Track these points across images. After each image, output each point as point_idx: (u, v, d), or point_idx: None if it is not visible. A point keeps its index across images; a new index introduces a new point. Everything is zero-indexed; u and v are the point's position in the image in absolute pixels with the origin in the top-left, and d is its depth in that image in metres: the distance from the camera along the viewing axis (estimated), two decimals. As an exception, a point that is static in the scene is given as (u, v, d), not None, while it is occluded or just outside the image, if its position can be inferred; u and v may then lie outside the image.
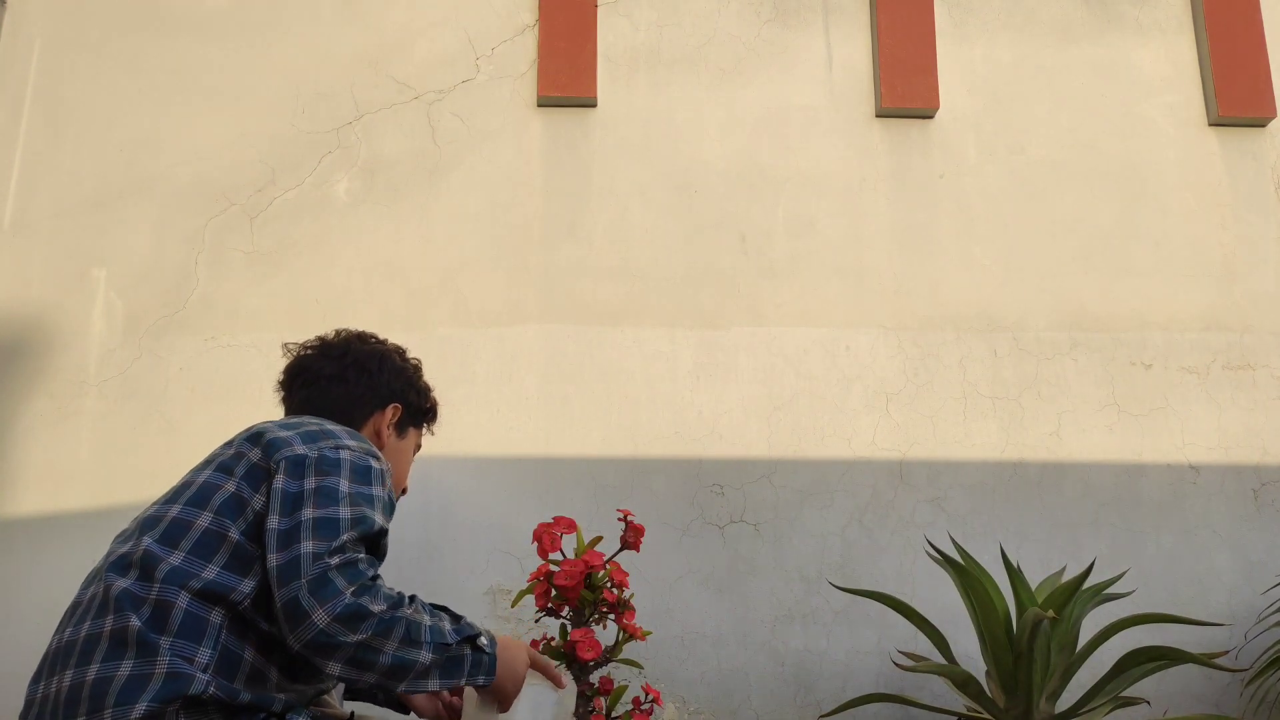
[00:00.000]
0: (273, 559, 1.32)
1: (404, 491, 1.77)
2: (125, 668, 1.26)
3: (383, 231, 2.72)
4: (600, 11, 2.90)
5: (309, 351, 1.77)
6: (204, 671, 1.28)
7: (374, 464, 1.49)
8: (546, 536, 1.92)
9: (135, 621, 1.29)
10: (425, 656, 1.34)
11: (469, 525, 2.52)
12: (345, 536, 1.34)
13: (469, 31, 2.88)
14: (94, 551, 2.53)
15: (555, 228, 2.75)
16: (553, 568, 1.93)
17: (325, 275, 2.68)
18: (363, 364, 1.75)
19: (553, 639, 1.96)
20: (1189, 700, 2.51)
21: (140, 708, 1.23)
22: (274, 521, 1.36)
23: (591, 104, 2.83)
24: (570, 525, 1.94)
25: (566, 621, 1.95)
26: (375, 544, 1.41)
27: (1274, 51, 2.97)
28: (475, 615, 2.47)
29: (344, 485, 1.42)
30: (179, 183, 2.73)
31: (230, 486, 1.42)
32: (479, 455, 2.56)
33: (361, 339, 1.80)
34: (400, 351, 1.84)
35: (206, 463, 1.49)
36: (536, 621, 2.11)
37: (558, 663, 1.95)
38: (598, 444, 2.60)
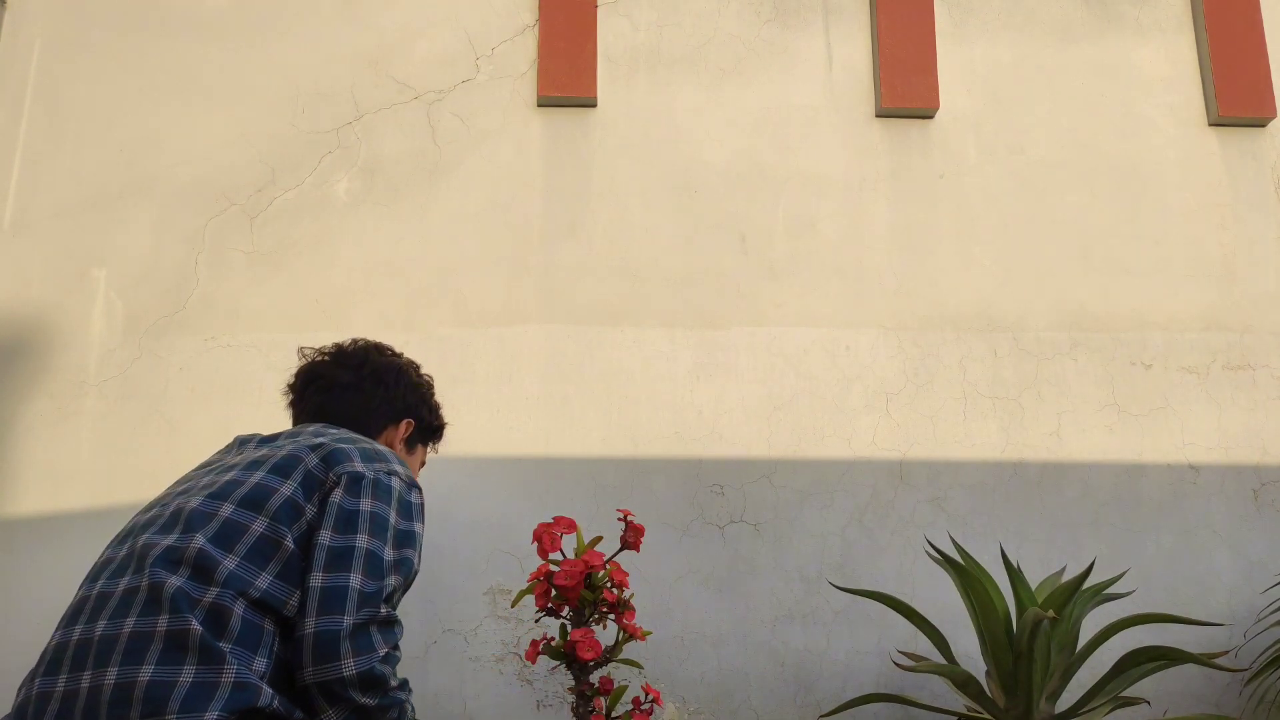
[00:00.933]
0: (318, 577, 1.31)
1: None
2: (187, 673, 1.22)
3: (383, 231, 2.72)
4: (600, 11, 2.90)
5: (324, 358, 1.76)
6: (264, 681, 1.25)
7: (415, 498, 1.50)
8: (546, 536, 1.92)
9: (195, 625, 1.24)
10: None
11: (469, 525, 2.53)
12: (391, 581, 1.35)
13: (469, 31, 2.88)
14: (94, 552, 2.52)
15: (555, 228, 2.75)
16: (553, 568, 1.93)
17: (325, 275, 2.68)
18: (379, 376, 1.74)
19: (553, 639, 1.96)
20: (1189, 700, 2.51)
21: (210, 717, 1.19)
22: (326, 537, 1.34)
23: (591, 104, 2.83)
24: (570, 525, 1.94)
25: (566, 621, 1.95)
26: (406, 588, 1.43)
27: (1274, 51, 2.97)
28: (475, 615, 2.48)
29: (393, 517, 1.42)
30: (179, 183, 2.73)
31: (286, 490, 1.39)
32: (479, 455, 2.56)
33: (379, 350, 1.80)
34: (415, 367, 1.84)
35: (256, 463, 1.45)
36: (536, 621, 2.11)
37: (556, 663, 1.95)
38: (598, 444, 2.60)
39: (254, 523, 1.35)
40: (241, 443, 1.62)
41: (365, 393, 1.72)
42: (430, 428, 1.85)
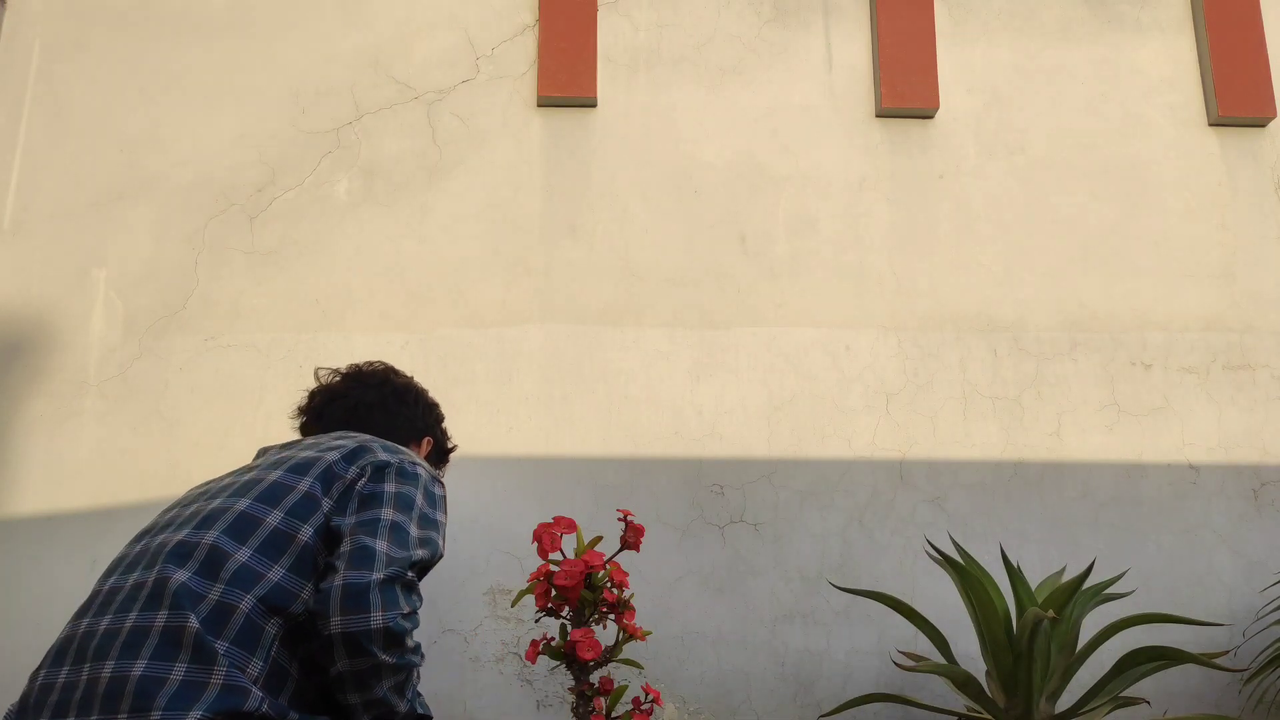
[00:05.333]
0: (347, 542, 1.34)
1: None
2: (178, 670, 1.22)
3: (383, 231, 2.72)
4: (600, 11, 2.90)
5: (340, 379, 1.83)
6: (255, 685, 1.25)
7: (439, 490, 1.54)
8: (546, 536, 1.92)
9: (194, 622, 1.25)
10: (402, 708, 1.38)
11: (469, 525, 2.52)
12: (414, 554, 1.37)
13: (469, 31, 2.88)
14: (94, 552, 2.53)
15: (555, 228, 2.75)
16: (553, 568, 1.93)
17: (325, 275, 2.68)
18: (401, 395, 1.82)
19: (553, 639, 1.96)
20: (1189, 700, 2.51)
21: (194, 716, 1.19)
22: (352, 517, 1.39)
23: (591, 104, 2.83)
24: (570, 525, 1.94)
25: (566, 621, 1.95)
26: (428, 569, 1.46)
27: (1274, 51, 2.97)
28: (475, 615, 2.48)
29: (419, 500, 1.46)
30: (179, 183, 2.73)
31: (303, 487, 1.42)
32: (479, 455, 2.56)
33: (395, 372, 1.88)
34: (425, 390, 1.93)
35: (275, 464, 1.49)
36: (536, 621, 2.11)
37: (556, 663, 1.95)
38: (598, 444, 2.60)
39: (269, 516, 1.38)
40: (263, 451, 1.67)
41: (390, 411, 1.79)
42: (443, 449, 1.93)
